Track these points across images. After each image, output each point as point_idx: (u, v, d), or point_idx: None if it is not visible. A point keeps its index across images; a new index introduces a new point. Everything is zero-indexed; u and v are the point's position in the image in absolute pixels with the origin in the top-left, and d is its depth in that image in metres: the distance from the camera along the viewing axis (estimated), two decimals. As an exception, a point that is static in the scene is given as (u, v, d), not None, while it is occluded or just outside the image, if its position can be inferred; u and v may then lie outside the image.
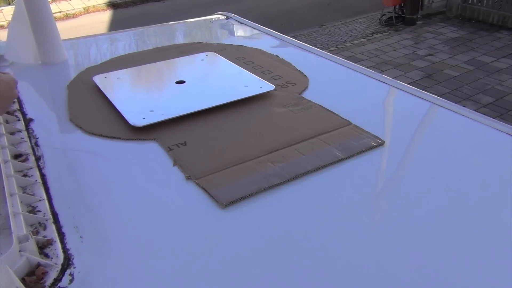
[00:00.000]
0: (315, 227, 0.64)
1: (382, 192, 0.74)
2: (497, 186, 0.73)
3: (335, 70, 1.20)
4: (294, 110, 0.96)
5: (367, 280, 0.56)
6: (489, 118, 0.92)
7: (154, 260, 0.59)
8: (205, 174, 0.75)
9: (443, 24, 5.18)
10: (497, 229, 0.63)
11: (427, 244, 0.61)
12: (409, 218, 0.66)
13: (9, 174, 0.72)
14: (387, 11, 5.26)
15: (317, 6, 6.18)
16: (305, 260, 0.58)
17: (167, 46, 1.40)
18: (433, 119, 0.97)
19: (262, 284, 0.55)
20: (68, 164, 0.81)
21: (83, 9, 6.32)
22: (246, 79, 1.09)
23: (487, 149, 0.83)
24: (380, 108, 1.01)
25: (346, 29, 5.19)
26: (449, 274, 0.56)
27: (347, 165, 0.78)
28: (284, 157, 0.79)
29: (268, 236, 0.63)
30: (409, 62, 4.18)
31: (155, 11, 6.29)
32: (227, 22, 1.66)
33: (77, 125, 0.92)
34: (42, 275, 0.55)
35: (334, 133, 0.87)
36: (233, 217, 0.66)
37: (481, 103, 3.40)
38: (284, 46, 1.41)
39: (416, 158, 0.82)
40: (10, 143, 0.82)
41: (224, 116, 0.95)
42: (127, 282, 0.56)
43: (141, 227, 0.65)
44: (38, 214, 0.65)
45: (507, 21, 4.94)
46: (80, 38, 1.53)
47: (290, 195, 0.71)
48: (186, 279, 0.56)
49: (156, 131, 0.88)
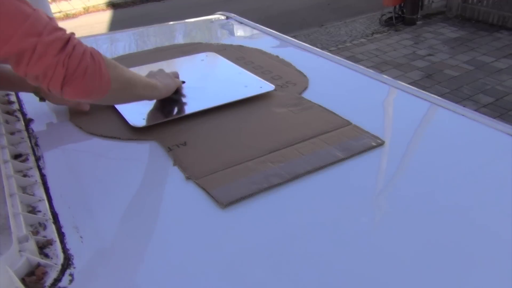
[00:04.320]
0: (315, 227, 0.64)
1: (382, 192, 0.74)
2: (497, 186, 0.73)
3: (335, 70, 1.20)
4: (294, 110, 0.96)
5: (367, 280, 0.56)
6: (489, 118, 0.92)
7: (154, 260, 0.59)
8: (205, 174, 0.75)
9: (443, 24, 5.17)
10: (497, 229, 0.63)
11: (427, 244, 0.61)
12: (409, 218, 0.66)
13: (9, 174, 0.72)
14: (387, 11, 5.26)
15: (317, 6, 6.18)
16: (305, 260, 0.58)
17: (167, 46, 1.40)
18: (433, 119, 0.97)
19: (262, 284, 0.55)
20: (68, 164, 0.81)
21: (83, 9, 6.31)
22: (246, 79, 1.09)
23: (487, 149, 0.83)
24: (380, 108, 1.01)
25: (346, 29, 5.19)
26: (449, 274, 0.56)
27: (347, 165, 0.78)
28: (284, 157, 0.79)
29: (268, 236, 0.63)
30: (409, 62, 4.18)
31: (155, 11, 6.29)
32: (227, 22, 1.66)
33: (77, 125, 0.92)
34: (42, 275, 0.55)
35: (334, 133, 0.87)
36: (233, 217, 0.66)
37: (481, 103, 3.40)
38: (284, 46, 1.41)
39: (416, 158, 0.82)
40: (10, 143, 0.82)
41: (224, 116, 0.95)
42: (127, 282, 0.56)
43: (141, 227, 0.65)
44: (38, 214, 0.65)
45: (507, 21, 4.94)
46: (80, 38, 1.52)
47: (290, 195, 0.71)
48: (186, 279, 0.56)
49: (156, 131, 0.88)
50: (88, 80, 0.68)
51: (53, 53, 0.64)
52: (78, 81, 0.67)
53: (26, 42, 0.63)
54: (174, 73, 1.01)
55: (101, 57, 0.70)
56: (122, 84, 0.77)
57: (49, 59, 0.64)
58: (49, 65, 0.64)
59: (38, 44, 0.63)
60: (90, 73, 0.68)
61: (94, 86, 0.70)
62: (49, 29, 0.65)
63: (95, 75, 0.69)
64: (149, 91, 0.87)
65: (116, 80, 0.73)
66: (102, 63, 0.70)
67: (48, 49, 0.64)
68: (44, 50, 0.64)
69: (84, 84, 0.68)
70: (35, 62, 0.64)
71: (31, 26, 0.63)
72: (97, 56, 0.70)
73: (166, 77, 0.95)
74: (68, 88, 0.67)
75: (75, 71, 0.66)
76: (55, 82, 0.66)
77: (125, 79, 0.78)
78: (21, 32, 0.63)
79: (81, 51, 0.67)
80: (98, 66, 0.69)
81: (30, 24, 0.63)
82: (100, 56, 0.70)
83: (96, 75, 0.69)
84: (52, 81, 0.66)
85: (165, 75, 0.96)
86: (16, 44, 0.63)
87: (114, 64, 0.75)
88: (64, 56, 0.65)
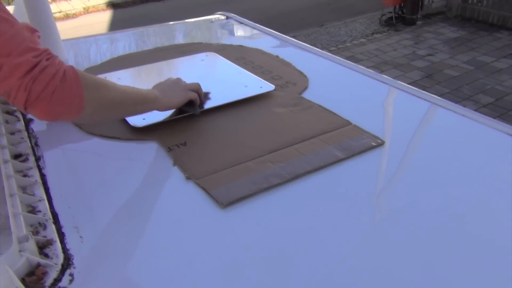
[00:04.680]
0: (315, 227, 0.64)
1: (382, 192, 0.74)
2: (497, 186, 0.73)
3: (335, 70, 1.20)
4: (294, 110, 0.96)
5: (367, 280, 0.56)
6: (489, 118, 0.92)
7: (153, 260, 0.59)
8: (205, 174, 0.75)
9: (443, 24, 5.17)
10: (497, 229, 0.63)
11: (427, 244, 0.61)
12: (409, 218, 0.66)
13: (9, 174, 0.72)
14: (387, 11, 5.26)
15: (317, 6, 6.18)
16: (305, 260, 0.58)
17: (167, 46, 1.40)
18: (433, 119, 0.97)
19: (262, 284, 0.55)
20: (68, 164, 0.81)
21: (83, 9, 6.31)
22: (246, 79, 1.09)
23: (487, 149, 0.83)
24: (380, 108, 1.01)
25: (346, 29, 5.19)
26: (449, 274, 0.56)
27: (347, 165, 0.78)
28: (284, 157, 0.79)
29: (268, 236, 0.63)
30: (409, 62, 4.18)
31: (155, 11, 6.29)
32: (227, 22, 1.66)
33: (77, 125, 0.92)
34: (42, 275, 0.55)
35: (334, 133, 0.87)
36: (233, 217, 0.66)
37: (481, 103, 3.40)
38: (284, 46, 1.41)
39: (416, 158, 0.82)
40: (10, 143, 0.82)
41: (224, 116, 0.95)
42: (127, 282, 0.56)
43: (141, 227, 0.65)
44: (38, 214, 0.65)
45: (507, 21, 4.94)
46: (80, 38, 1.53)
47: (290, 195, 0.71)
48: (186, 279, 0.56)
49: (156, 131, 0.88)
50: (54, 104, 0.66)
51: (17, 76, 0.63)
52: (43, 104, 0.66)
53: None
54: (192, 85, 0.94)
55: (76, 79, 0.68)
56: (101, 105, 0.74)
57: (12, 81, 0.63)
58: (12, 87, 0.64)
59: (5, 65, 0.63)
60: (57, 97, 0.66)
61: (62, 109, 0.68)
62: (21, 50, 0.64)
63: (64, 99, 0.67)
64: (142, 106, 0.84)
65: (92, 102, 0.71)
66: (75, 85, 0.67)
67: (14, 71, 0.63)
68: (10, 72, 0.63)
69: (50, 107, 0.66)
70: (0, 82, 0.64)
71: (2, 45, 0.63)
72: (71, 77, 0.67)
73: (174, 88, 0.90)
74: (32, 110, 0.66)
75: (38, 96, 0.64)
76: (18, 104, 0.66)
77: (106, 100, 0.75)
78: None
79: (52, 73, 0.65)
80: (68, 89, 0.67)
81: (1, 42, 0.63)
82: (75, 78, 0.68)
83: (65, 99, 0.67)
84: (15, 102, 0.66)
85: (174, 86, 0.91)
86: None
87: (96, 85, 0.73)
88: (27, 80, 0.64)
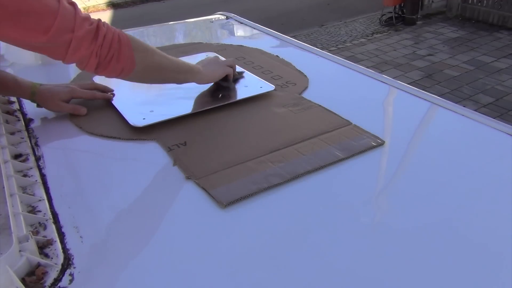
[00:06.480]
0: (315, 227, 0.64)
1: (382, 192, 0.74)
2: (497, 186, 0.73)
3: (335, 70, 1.20)
4: (294, 110, 0.96)
5: (367, 280, 0.56)
6: (489, 118, 0.92)
7: (153, 260, 0.59)
8: (205, 174, 0.75)
9: (443, 24, 5.18)
10: (497, 229, 0.63)
11: (427, 244, 0.61)
12: (409, 218, 0.66)
13: (9, 174, 0.72)
14: (387, 11, 5.26)
15: (317, 6, 6.18)
16: (305, 260, 0.58)
17: (167, 46, 1.40)
18: (433, 119, 0.97)
19: (262, 284, 0.55)
20: (68, 164, 0.81)
21: (83, 9, 6.30)
22: (246, 79, 1.10)
23: (487, 149, 0.83)
24: (380, 108, 1.01)
25: (346, 29, 5.19)
26: (449, 274, 0.56)
27: (347, 165, 0.78)
28: (284, 157, 0.79)
29: (268, 236, 0.63)
30: (409, 62, 4.18)
31: (155, 11, 6.29)
32: (227, 22, 1.66)
33: (77, 125, 0.92)
34: (42, 275, 0.55)
35: (334, 133, 0.87)
36: (233, 217, 0.66)
37: (481, 103, 3.40)
38: (284, 46, 1.41)
39: (416, 158, 0.82)
40: (10, 143, 0.82)
41: (224, 116, 0.95)
42: (127, 282, 0.56)
43: (141, 227, 0.65)
44: (38, 214, 0.65)
45: (507, 21, 4.94)
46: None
47: (290, 195, 0.71)
48: (186, 279, 0.56)
49: (156, 131, 0.88)
50: (115, 64, 0.78)
51: (86, 46, 0.73)
52: (111, 65, 0.78)
53: (61, 38, 0.70)
54: (228, 61, 1.05)
55: (127, 42, 0.79)
56: (148, 66, 0.85)
57: (83, 51, 0.73)
58: (84, 56, 0.74)
59: (73, 39, 0.71)
60: (118, 58, 0.78)
61: (120, 68, 0.80)
62: (79, 22, 0.72)
63: (121, 59, 0.79)
64: (186, 75, 0.94)
65: (141, 63, 0.82)
66: (127, 48, 0.79)
67: (82, 43, 0.72)
68: (78, 44, 0.72)
69: (113, 67, 0.79)
70: (71, 55, 0.73)
71: (62, 22, 0.69)
72: (124, 40, 0.78)
73: (214, 64, 1.02)
74: (102, 72, 0.79)
75: (105, 58, 0.76)
76: (90, 68, 0.77)
77: (152, 62, 0.86)
78: (55, 29, 0.68)
79: (110, 38, 0.76)
80: (124, 51, 0.78)
81: (60, 20, 0.69)
82: (126, 41, 0.79)
83: (121, 59, 0.79)
84: (87, 67, 0.77)
85: (214, 62, 1.02)
86: (51, 39, 0.69)
87: (143, 48, 0.84)
88: (96, 47, 0.74)
